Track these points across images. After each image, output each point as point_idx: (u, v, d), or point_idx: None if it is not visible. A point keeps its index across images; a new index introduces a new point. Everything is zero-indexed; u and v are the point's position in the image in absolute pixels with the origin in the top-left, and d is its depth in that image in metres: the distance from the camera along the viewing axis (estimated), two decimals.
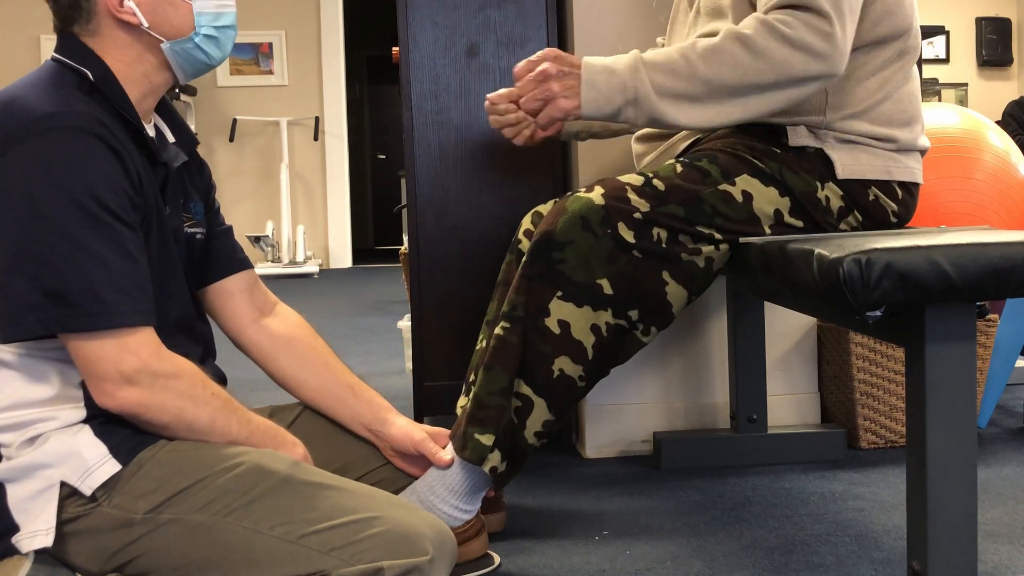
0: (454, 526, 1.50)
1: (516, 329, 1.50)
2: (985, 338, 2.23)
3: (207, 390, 1.23)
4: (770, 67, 1.47)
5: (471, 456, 1.48)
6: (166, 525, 1.18)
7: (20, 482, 1.19)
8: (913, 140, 1.64)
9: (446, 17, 2.21)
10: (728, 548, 1.63)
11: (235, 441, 1.25)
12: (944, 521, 1.24)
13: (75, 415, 1.21)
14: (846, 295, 1.22)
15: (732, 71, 1.47)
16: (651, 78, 1.50)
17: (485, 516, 1.65)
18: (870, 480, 1.97)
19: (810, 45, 1.45)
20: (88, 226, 1.15)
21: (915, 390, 1.25)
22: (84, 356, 1.16)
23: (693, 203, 1.53)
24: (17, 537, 1.19)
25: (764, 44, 1.46)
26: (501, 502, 1.70)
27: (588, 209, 1.51)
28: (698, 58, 1.49)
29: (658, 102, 1.50)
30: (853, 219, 1.62)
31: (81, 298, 1.14)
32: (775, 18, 1.47)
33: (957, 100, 8.95)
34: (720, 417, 2.23)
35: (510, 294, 1.52)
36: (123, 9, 1.24)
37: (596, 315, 1.51)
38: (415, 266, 2.22)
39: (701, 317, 2.23)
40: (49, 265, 1.13)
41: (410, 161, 2.22)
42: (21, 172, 1.14)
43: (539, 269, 1.51)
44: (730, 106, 1.50)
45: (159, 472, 1.20)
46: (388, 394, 3.06)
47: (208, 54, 1.30)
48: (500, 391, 1.49)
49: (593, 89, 1.52)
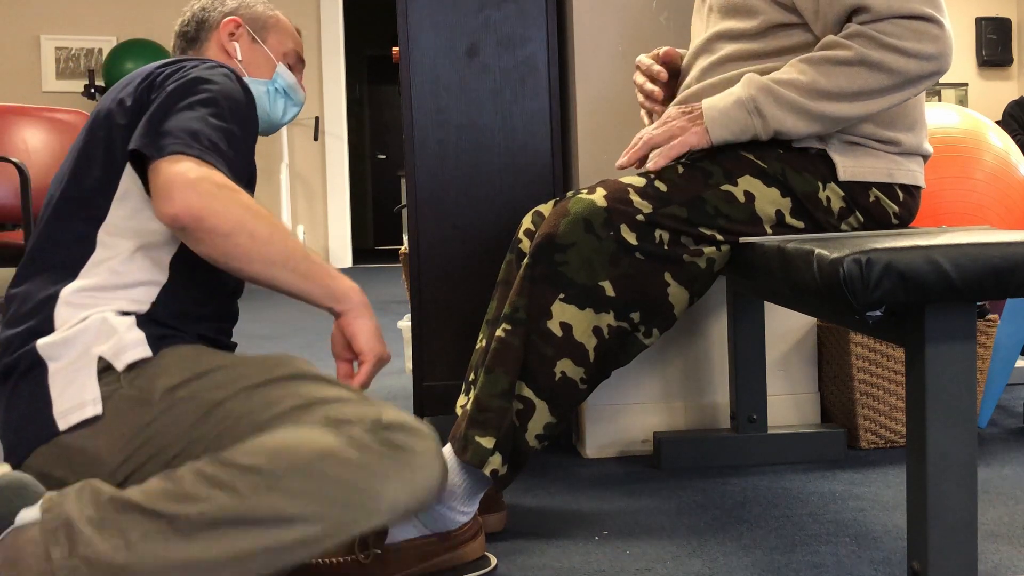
0: (451, 528, 1.50)
1: (518, 331, 1.50)
2: (985, 338, 2.23)
3: (268, 213, 1.27)
4: (888, 76, 1.51)
5: (472, 459, 1.48)
6: (181, 402, 1.22)
7: (61, 358, 1.25)
8: (917, 144, 1.64)
9: (446, 17, 2.20)
10: (728, 548, 1.63)
11: (292, 260, 1.27)
12: (944, 521, 1.24)
13: (129, 306, 1.28)
14: (846, 295, 1.22)
15: (850, 82, 1.51)
16: (768, 90, 1.54)
17: (485, 516, 1.65)
18: (870, 480, 1.97)
19: (923, 52, 1.50)
20: (223, 117, 1.32)
21: (915, 390, 1.25)
22: (163, 174, 1.23)
23: (695, 204, 1.53)
24: (62, 408, 1.22)
25: (879, 57, 1.50)
26: (501, 502, 1.71)
27: (591, 211, 1.51)
28: (815, 72, 1.53)
29: (778, 111, 1.54)
30: (854, 220, 1.62)
31: (186, 136, 1.27)
32: (878, 30, 1.51)
33: (957, 100, 8.95)
34: (720, 417, 2.23)
35: (512, 296, 1.52)
36: (228, 43, 1.56)
37: (598, 317, 1.51)
38: (415, 266, 2.22)
39: (701, 317, 2.23)
40: (183, 119, 1.28)
41: (410, 161, 2.22)
42: (203, 69, 1.37)
43: (541, 271, 1.51)
44: (849, 107, 1.53)
45: (181, 361, 1.25)
46: (388, 394, 3.05)
47: (272, 104, 1.58)
48: (501, 394, 1.49)
49: (713, 109, 1.56)
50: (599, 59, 2.18)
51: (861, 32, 1.51)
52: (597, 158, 2.20)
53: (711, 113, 1.55)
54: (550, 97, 2.21)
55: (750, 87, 1.54)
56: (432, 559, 1.48)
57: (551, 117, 2.21)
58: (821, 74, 1.52)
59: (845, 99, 1.52)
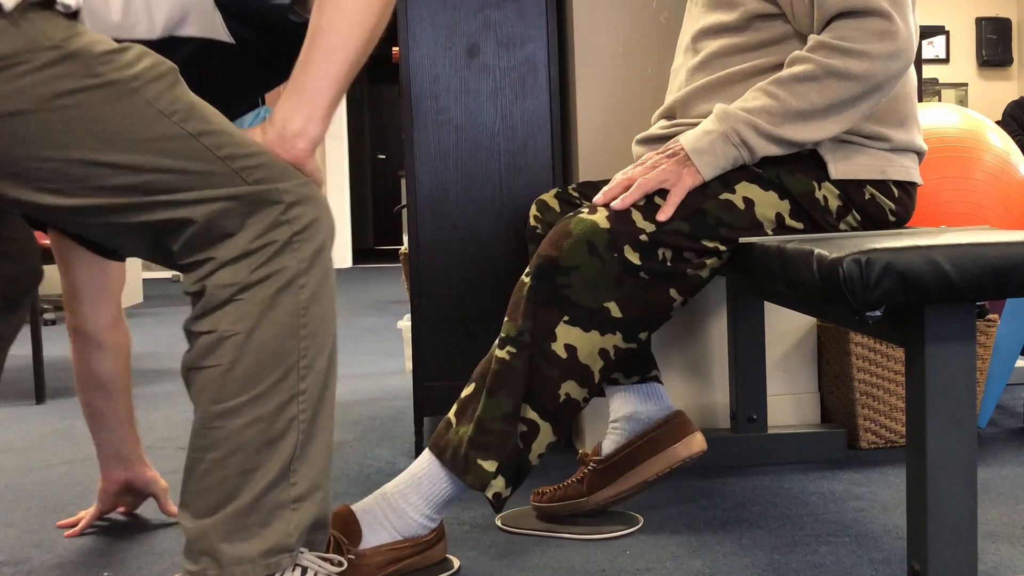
0: (420, 534, 1.51)
1: (522, 355, 1.50)
2: (985, 338, 2.23)
3: None
4: (856, 83, 1.51)
5: (474, 482, 1.48)
6: (68, 78, 1.11)
7: None
8: (908, 141, 1.64)
9: (446, 17, 2.21)
10: (728, 548, 1.63)
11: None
12: (944, 521, 1.24)
13: None
14: (846, 295, 1.22)
15: (821, 96, 1.51)
16: (748, 123, 1.53)
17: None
18: (870, 480, 1.97)
19: (882, 52, 1.49)
20: None
21: (915, 390, 1.25)
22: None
23: (697, 217, 1.53)
24: None
25: (843, 65, 1.50)
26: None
27: (593, 233, 1.50)
28: (785, 92, 1.52)
29: (760, 140, 1.53)
30: (852, 219, 1.62)
31: None
32: (836, 36, 1.51)
33: (957, 100, 8.95)
34: (720, 417, 2.23)
35: (517, 319, 1.51)
36: None
37: (604, 339, 1.51)
38: (415, 266, 2.23)
39: (701, 317, 2.23)
40: None
41: (410, 161, 2.22)
42: None
43: (544, 294, 1.50)
44: (830, 123, 1.54)
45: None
46: (388, 394, 3.06)
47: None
48: (504, 417, 1.49)
49: (697, 152, 1.54)
50: (599, 59, 2.18)
51: (821, 43, 1.52)
52: (597, 158, 2.20)
53: (699, 156, 1.54)
54: (550, 97, 2.21)
55: (728, 121, 1.54)
56: (401, 562, 1.50)
57: (551, 117, 2.21)
58: (791, 95, 1.52)
59: (819, 116, 1.52)
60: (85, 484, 2.13)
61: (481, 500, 1.91)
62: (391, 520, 1.51)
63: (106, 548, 1.73)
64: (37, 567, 1.65)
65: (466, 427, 1.50)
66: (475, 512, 1.85)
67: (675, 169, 1.53)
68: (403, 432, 2.54)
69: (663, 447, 1.72)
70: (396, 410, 2.83)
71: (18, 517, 1.91)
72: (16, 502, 2.02)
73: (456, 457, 1.49)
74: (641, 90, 2.19)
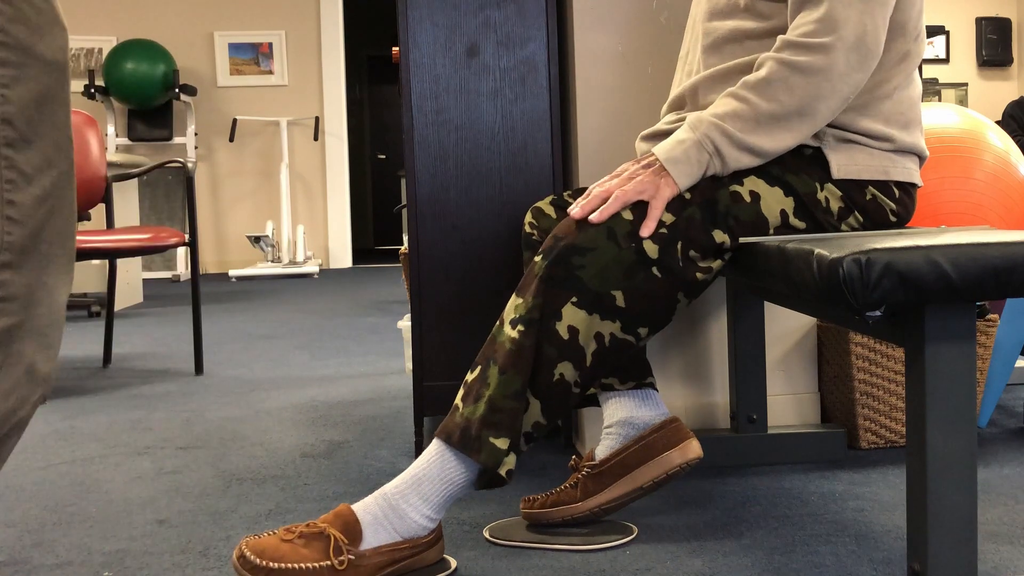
0: (420, 535, 1.51)
1: (531, 332, 1.50)
2: (985, 338, 2.23)
3: None
4: (822, 77, 1.51)
5: (487, 460, 1.48)
6: None
7: None
8: (912, 143, 1.64)
9: (446, 17, 2.21)
10: (728, 548, 1.64)
11: None
12: (944, 521, 1.24)
13: None
14: (846, 295, 1.22)
15: (789, 95, 1.51)
16: (718, 127, 1.53)
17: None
18: (870, 480, 1.97)
19: (840, 40, 1.50)
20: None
21: (915, 390, 1.25)
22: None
23: (709, 204, 1.54)
24: None
25: (806, 60, 1.51)
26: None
27: (616, 219, 1.51)
28: (754, 95, 1.53)
29: (733, 150, 1.53)
30: (854, 220, 1.62)
31: None
32: (800, 33, 1.52)
33: (957, 100, 8.95)
34: (720, 417, 2.24)
35: (527, 297, 1.52)
36: None
37: (602, 324, 1.51)
38: (415, 266, 2.23)
39: (701, 317, 2.23)
40: None
41: (410, 161, 2.22)
42: None
43: (558, 273, 1.51)
44: (803, 123, 1.54)
45: None
46: (388, 394, 3.06)
47: None
48: (514, 395, 1.49)
49: (672, 162, 1.54)
50: (599, 59, 2.18)
51: (786, 42, 1.53)
52: (597, 158, 2.20)
53: (674, 166, 1.53)
54: (550, 97, 2.21)
55: (700, 127, 1.54)
56: (399, 563, 1.51)
57: (551, 117, 2.22)
58: (761, 97, 1.52)
59: (792, 116, 1.52)
60: (85, 484, 2.13)
61: (481, 500, 1.91)
62: (392, 521, 1.51)
63: (106, 548, 1.73)
64: (37, 567, 1.65)
65: (473, 407, 1.50)
66: (475, 512, 1.85)
67: (652, 180, 1.53)
68: (403, 432, 2.54)
69: (658, 452, 1.71)
70: (396, 410, 2.83)
71: (18, 517, 1.92)
72: (16, 502, 2.02)
73: (467, 437, 1.49)
74: (641, 90, 2.19)
